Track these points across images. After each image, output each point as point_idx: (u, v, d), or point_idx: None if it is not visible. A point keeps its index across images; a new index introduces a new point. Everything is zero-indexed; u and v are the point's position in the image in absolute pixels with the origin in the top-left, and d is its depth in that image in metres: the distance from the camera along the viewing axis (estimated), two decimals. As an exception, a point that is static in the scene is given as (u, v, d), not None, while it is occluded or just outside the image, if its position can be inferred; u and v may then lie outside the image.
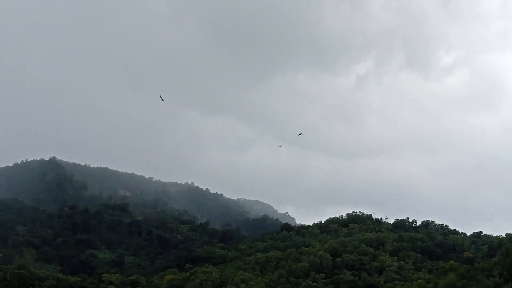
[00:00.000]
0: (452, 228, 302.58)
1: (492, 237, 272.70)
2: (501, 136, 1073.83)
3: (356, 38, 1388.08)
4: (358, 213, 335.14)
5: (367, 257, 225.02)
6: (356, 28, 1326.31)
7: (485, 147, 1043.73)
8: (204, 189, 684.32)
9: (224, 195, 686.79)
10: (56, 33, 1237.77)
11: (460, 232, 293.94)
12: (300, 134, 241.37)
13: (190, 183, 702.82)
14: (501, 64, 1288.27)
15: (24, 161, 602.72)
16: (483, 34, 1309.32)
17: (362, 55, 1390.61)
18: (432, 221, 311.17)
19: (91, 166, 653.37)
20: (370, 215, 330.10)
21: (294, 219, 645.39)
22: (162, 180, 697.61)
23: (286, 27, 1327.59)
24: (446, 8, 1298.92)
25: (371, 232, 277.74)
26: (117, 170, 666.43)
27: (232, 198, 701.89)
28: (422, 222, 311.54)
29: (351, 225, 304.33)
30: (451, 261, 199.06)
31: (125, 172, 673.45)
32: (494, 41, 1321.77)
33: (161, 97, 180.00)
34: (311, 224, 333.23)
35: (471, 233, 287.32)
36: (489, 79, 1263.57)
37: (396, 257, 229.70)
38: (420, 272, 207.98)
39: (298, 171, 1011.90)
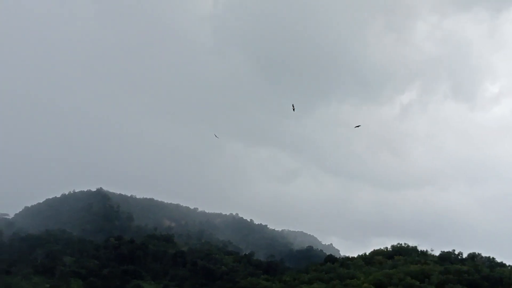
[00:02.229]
0: (499, 261, 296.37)
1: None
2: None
3: (400, 68, 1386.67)
4: (403, 244, 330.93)
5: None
6: (401, 58, 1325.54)
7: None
8: (249, 220, 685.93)
9: (268, 226, 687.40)
10: (103, 67, 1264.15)
11: (508, 264, 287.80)
12: (357, 126, 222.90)
13: (234, 214, 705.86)
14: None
15: (72, 192, 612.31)
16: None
17: (406, 85, 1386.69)
18: (478, 253, 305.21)
19: (137, 197, 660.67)
20: (416, 247, 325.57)
21: (339, 251, 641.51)
22: (207, 211, 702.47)
23: (330, 58, 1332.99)
24: (491, 37, 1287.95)
25: (416, 264, 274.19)
26: (163, 201, 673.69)
27: (276, 229, 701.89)
28: (469, 255, 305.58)
29: (396, 257, 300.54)
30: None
31: (170, 203, 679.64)
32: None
33: (216, 135, 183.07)
34: (355, 256, 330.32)
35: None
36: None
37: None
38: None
39: (343, 202, 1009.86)
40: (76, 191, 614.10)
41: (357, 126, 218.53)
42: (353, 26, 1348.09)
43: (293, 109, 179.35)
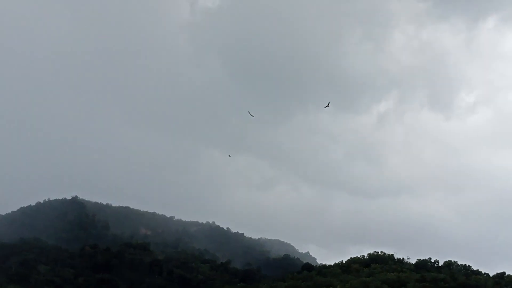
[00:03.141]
0: (475, 268, 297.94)
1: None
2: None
3: (378, 77, 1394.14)
4: (380, 253, 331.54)
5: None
6: (378, 68, 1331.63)
7: (509, 186, 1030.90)
8: (225, 228, 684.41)
9: (245, 234, 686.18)
10: (79, 75, 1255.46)
11: (483, 272, 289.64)
12: (327, 105, 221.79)
13: (211, 222, 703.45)
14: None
15: (47, 200, 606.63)
16: (505, 73, 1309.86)
17: (383, 94, 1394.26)
18: (454, 261, 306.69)
19: (113, 205, 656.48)
20: (392, 255, 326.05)
21: (315, 259, 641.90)
22: (183, 219, 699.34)
23: (308, 66, 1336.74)
24: (468, 47, 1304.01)
25: (392, 272, 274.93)
26: (139, 209, 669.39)
27: (253, 237, 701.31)
28: (445, 262, 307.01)
29: (372, 265, 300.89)
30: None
31: (147, 211, 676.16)
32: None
33: (250, 113, 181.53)
34: (332, 264, 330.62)
35: (494, 273, 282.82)
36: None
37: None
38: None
39: (320, 210, 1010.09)
40: (51, 199, 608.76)
41: (327, 106, 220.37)
42: (331, 35, 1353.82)
43: (251, 115, 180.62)
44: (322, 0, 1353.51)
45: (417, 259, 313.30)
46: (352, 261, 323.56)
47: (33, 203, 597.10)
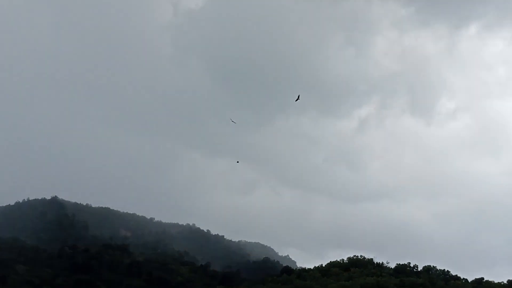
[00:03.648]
0: (453, 274, 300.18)
1: (494, 283, 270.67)
2: (504, 181, 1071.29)
3: (359, 83, 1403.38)
4: (359, 257, 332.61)
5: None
6: (360, 73, 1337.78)
7: (488, 193, 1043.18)
8: (205, 230, 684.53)
9: (225, 237, 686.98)
10: (56, 73, 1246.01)
11: (462, 278, 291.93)
12: (297, 99, 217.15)
13: (191, 224, 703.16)
14: (503, 110, 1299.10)
15: (26, 200, 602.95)
16: (485, 80, 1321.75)
17: (365, 99, 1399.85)
18: (433, 266, 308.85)
19: (93, 206, 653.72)
20: (372, 259, 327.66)
21: (295, 262, 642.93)
22: (163, 221, 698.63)
23: (289, 70, 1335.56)
24: (449, 54, 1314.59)
25: (372, 276, 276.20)
26: (119, 210, 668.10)
27: (233, 240, 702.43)
28: (424, 267, 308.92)
29: (352, 269, 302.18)
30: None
31: (127, 213, 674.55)
32: (496, 87, 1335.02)
33: (232, 120, 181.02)
34: (312, 268, 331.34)
35: (473, 279, 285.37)
36: (492, 125, 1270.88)
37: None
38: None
39: (300, 214, 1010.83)
40: (30, 199, 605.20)
41: (297, 99, 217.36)
42: (314, 39, 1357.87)
43: (233, 121, 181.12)
44: (304, 4, 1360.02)
45: (397, 264, 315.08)
46: (332, 265, 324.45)
47: (12, 203, 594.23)
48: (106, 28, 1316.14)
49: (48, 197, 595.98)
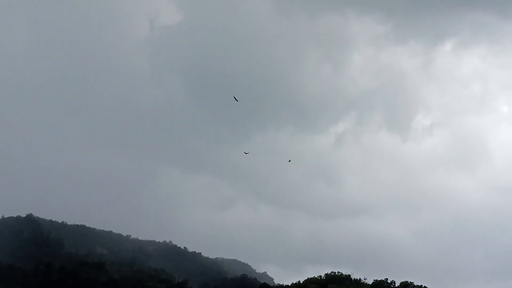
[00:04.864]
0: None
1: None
2: (480, 197, 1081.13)
3: (336, 99, 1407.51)
4: (337, 273, 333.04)
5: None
6: (336, 89, 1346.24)
7: (464, 208, 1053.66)
8: (182, 247, 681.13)
9: (202, 254, 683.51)
10: (35, 92, 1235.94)
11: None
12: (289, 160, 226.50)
13: (168, 241, 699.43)
14: (479, 126, 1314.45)
15: (1, 218, 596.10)
16: (461, 96, 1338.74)
17: (341, 115, 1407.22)
18: (411, 282, 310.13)
19: (68, 223, 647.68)
20: (349, 275, 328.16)
21: (273, 279, 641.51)
22: (140, 238, 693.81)
23: (267, 87, 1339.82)
24: (425, 70, 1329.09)
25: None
26: (94, 227, 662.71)
27: (210, 257, 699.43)
28: (401, 283, 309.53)
29: (329, 285, 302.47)
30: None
31: (103, 230, 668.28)
32: (472, 103, 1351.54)
33: (235, 98, 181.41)
34: (289, 284, 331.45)
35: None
36: (468, 141, 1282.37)
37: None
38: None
39: (278, 230, 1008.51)
40: (5, 216, 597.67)
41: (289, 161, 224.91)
42: (290, 56, 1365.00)
43: (236, 99, 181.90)
44: (281, 21, 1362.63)
45: (374, 280, 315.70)
46: (309, 281, 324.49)
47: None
48: (82, 44, 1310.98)
49: (23, 215, 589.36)
